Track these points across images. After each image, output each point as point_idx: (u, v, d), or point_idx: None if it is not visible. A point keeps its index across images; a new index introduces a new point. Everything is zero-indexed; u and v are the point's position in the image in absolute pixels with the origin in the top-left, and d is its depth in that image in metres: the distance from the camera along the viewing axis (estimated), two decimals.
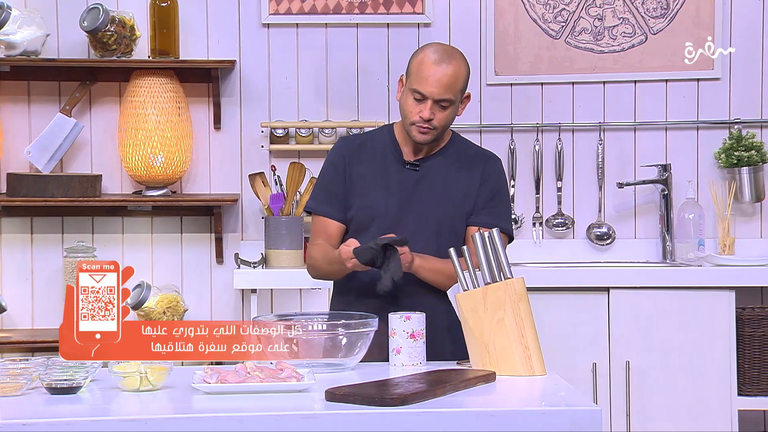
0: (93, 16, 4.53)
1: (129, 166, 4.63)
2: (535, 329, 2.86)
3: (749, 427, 4.67)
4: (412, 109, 3.15)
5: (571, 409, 2.47)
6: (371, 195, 3.22)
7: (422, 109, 3.14)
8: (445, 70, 3.13)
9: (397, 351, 2.93)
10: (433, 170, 3.24)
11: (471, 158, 3.28)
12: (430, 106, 3.13)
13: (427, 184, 3.23)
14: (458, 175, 3.24)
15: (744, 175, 4.73)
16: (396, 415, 2.41)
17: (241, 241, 4.78)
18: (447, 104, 3.15)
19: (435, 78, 3.11)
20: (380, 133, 3.33)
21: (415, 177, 3.23)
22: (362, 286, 3.19)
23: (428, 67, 3.13)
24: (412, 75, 3.15)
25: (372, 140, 3.30)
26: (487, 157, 3.30)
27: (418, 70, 3.14)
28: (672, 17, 4.81)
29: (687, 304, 4.35)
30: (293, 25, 4.80)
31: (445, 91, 3.12)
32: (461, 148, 3.30)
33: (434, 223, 3.20)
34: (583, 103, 4.84)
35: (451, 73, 3.13)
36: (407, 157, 3.25)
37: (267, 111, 4.80)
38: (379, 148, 3.27)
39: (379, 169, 3.25)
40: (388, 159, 3.25)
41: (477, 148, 3.35)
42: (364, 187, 3.23)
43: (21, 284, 4.73)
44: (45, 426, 2.36)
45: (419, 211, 3.20)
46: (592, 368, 4.35)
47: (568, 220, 4.84)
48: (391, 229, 3.14)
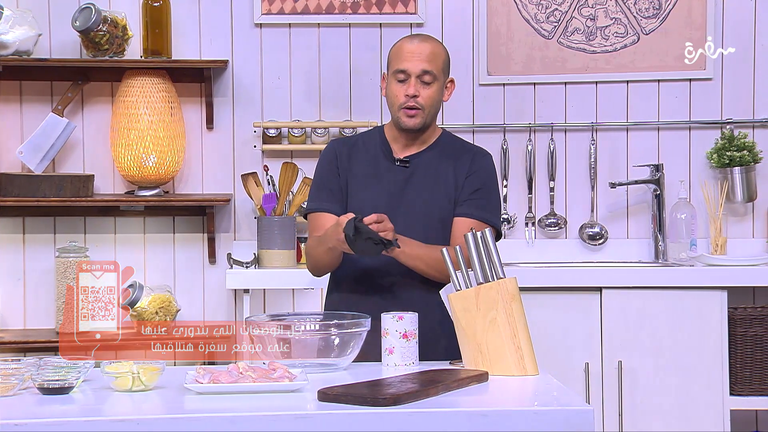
0: (85, 16, 4.52)
1: (121, 166, 4.63)
2: (527, 329, 2.86)
3: (741, 427, 4.68)
4: (397, 92, 3.21)
5: (563, 409, 2.47)
6: (363, 193, 3.25)
7: (407, 87, 3.19)
8: (422, 45, 3.22)
9: (389, 351, 2.93)
10: (422, 166, 3.27)
11: (459, 152, 3.30)
12: (414, 82, 3.19)
13: (416, 179, 3.25)
14: (447, 169, 3.26)
15: (736, 175, 4.74)
16: (388, 415, 2.41)
17: (233, 241, 4.78)
18: (430, 79, 3.20)
19: (414, 53, 3.19)
20: (371, 134, 3.36)
21: (405, 173, 3.26)
22: (356, 280, 3.21)
23: (405, 46, 3.22)
24: (392, 60, 3.24)
25: (363, 141, 3.34)
26: (475, 151, 3.32)
27: (396, 54, 3.23)
28: (664, 17, 4.82)
29: (679, 304, 4.36)
30: (286, 25, 4.80)
31: (424, 63, 3.19)
32: (450, 143, 3.32)
33: (424, 217, 3.22)
34: (575, 103, 4.85)
35: (429, 48, 3.22)
36: (397, 155, 3.28)
37: (259, 111, 4.80)
38: (371, 147, 3.30)
39: (370, 167, 3.27)
40: (378, 157, 3.28)
41: (467, 143, 3.37)
42: (357, 185, 3.26)
43: (13, 284, 4.72)
44: (37, 426, 2.35)
45: (409, 206, 3.22)
46: (584, 368, 4.36)
47: (561, 220, 4.84)
48: None
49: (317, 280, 3.45)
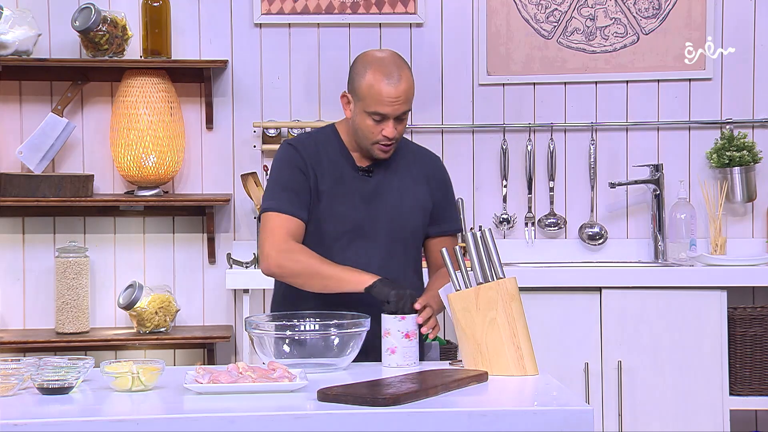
0: (85, 16, 4.52)
1: (121, 166, 4.63)
2: (527, 329, 2.86)
3: (741, 427, 4.68)
4: (373, 130, 3.10)
5: (562, 408, 2.47)
6: (336, 205, 3.16)
7: (384, 128, 3.10)
8: (399, 86, 3.07)
9: (391, 351, 2.93)
10: (385, 176, 3.21)
11: (414, 158, 3.27)
12: (392, 124, 3.10)
13: (383, 191, 3.20)
14: (408, 179, 3.23)
15: (736, 175, 4.74)
16: (388, 415, 2.41)
17: (233, 241, 4.78)
18: (405, 116, 3.13)
19: (392, 98, 3.06)
20: (326, 137, 3.24)
21: (371, 183, 3.19)
22: None
23: (381, 88, 3.06)
24: (366, 98, 3.08)
25: (322, 145, 3.21)
26: (429, 156, 3.31)
27: (370, 93, 3.07)
28: (664, 17, 4.82)
29: (679, 304, 4.35)
30: (285, 25, 4.80)
31: (404, 105, 3.10)
32: (402, 147, 3.26)
33: (397, 228, 3.19)
34: (575, 103, 4.85)
35: (405, 87, 3.08)
36: (359, 163, 3.21)
37: (259, 111, 4.80)
38: (331, 154, 3.20)
39: (336, 177, 3.18)
40: (342, 166, 3.19)
41: (417, 146, 3.34)
42: (328, 196, 3.16)
43: (12, 285, 4.72)
44: (37, 426, 2.35)
45: (381, 219, 3.18)
46: (584, 368, 4.36)
47: (560, 220, 4.84)
48: (364, 240, 3.14)
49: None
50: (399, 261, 3.19)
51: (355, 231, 3.15)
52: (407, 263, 3.21)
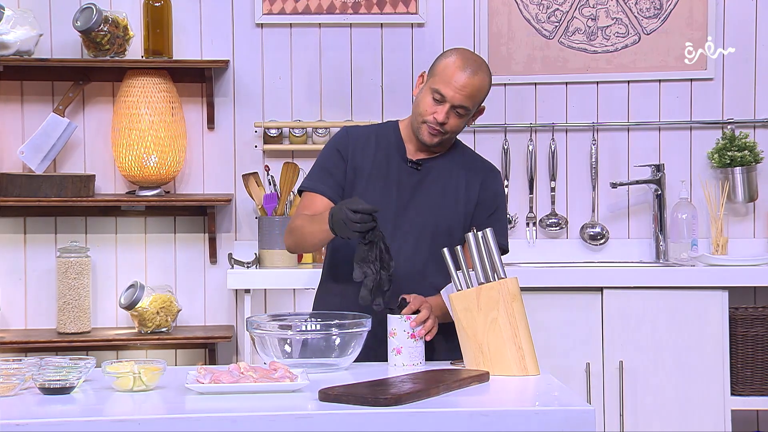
0: (86, 16, 4.53)
1: (122, 166, 4.63)
2: (528, 329, 2.86)
3: (742, 427, 4.68)
4: (428, 108, 3.15)
5: (564, 409, 2.47)
6: (370, 189, 3.21)
7: (438, 111, 3.14)
8: (471, 79, 3.12)
9: (397, 351, 2.93)
10: (434, 171, 3.25)
11: (472, 165, 3.29)
12: (447, 110, 3.14)
13: (427, 184, 3.23)
14: (459, 180, 3.25)
15: (737, 175, 4.74)
16: (389, 415, 2.41)
17: (234, 241, 4.78)
18: (463, 112, 3.15)
19: (460, 83, 3.12)
20: (385, 129, 3.32)
21: (416, 176, 3.23)
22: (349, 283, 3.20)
23: (455, 71, 3.12)
24: (437, 75, 3.14)
25: (377, 134, 3.29)
26: (489, 168, 3.32)
27: (443, 71, 3.13)
28: (665, 17, 4.82)
29: (680, 304, 4.35)
30: (287, 25, 4.80)
31: (465, 99, 3.13)
32: (464, 154, 3.31)
33: (431, 224, 3.20)
34: (576, 103, 4.85)
35: (476, 84, 3.13)
36: (410, 155, 3.26)
37: (260, 111, 4.80)
38: (383, 143, 3.27)
39: (381, 164, 3.24)
40: (391, 155, 3.25)
41: (480, 157, 3.37)
42: (365, 179, 3.22)
43: (14, 284, 4.73)
44: (38, 426, 2.35)
45: (417, 211, 3.21)
46: (585, 368, 4.36)
47: (562, 220, 4.84)
48: (387, 225, 3.14)
49: (318, 281, 3.44)
50: (424, 256, 3.19)
51: (380, 217, 3.15)
52: (432, 260, 3.20)
